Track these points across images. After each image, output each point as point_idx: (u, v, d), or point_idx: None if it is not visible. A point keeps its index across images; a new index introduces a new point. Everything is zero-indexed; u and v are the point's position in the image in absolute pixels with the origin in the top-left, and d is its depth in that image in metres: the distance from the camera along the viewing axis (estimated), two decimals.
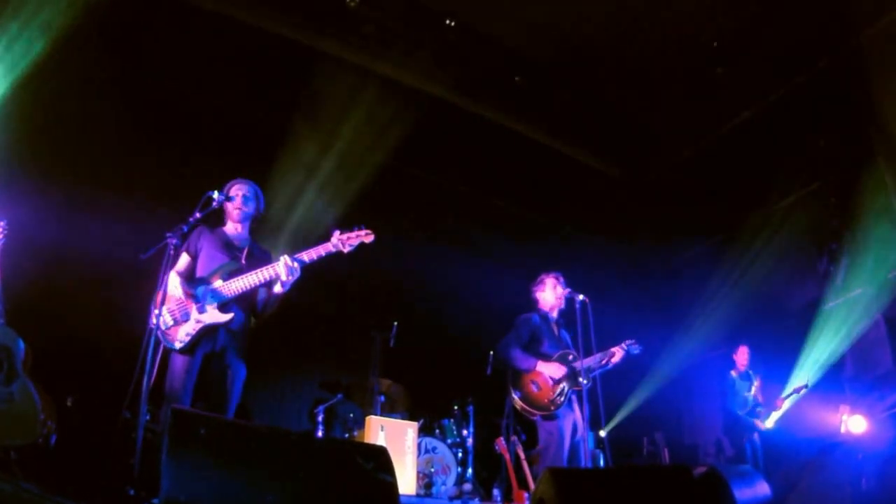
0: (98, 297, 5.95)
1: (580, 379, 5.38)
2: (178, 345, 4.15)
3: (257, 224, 4.82)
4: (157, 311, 4.00)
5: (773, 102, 8.22)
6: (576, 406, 5.51)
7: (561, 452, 5.26)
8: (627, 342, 5.76)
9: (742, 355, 7.95)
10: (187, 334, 4.17)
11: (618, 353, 5.68)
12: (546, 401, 5.40)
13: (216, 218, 4.57)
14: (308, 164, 8.02)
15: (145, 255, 4.14)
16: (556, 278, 5.83)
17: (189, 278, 4.39)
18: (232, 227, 4.68)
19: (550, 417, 5.38)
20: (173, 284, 4.24)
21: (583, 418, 5.43)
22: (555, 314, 5.84)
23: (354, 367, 7.71)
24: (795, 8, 6.98)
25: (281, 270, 4.27)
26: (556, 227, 10.23)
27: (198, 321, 4.21)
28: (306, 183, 7.83)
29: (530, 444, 6.66)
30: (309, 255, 4.37)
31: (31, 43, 5.96)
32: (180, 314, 4.21)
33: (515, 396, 5.50)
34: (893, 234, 7.45)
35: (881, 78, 7.31)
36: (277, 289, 4.42)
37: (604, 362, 5.64)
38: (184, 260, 4.39)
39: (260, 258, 4.54)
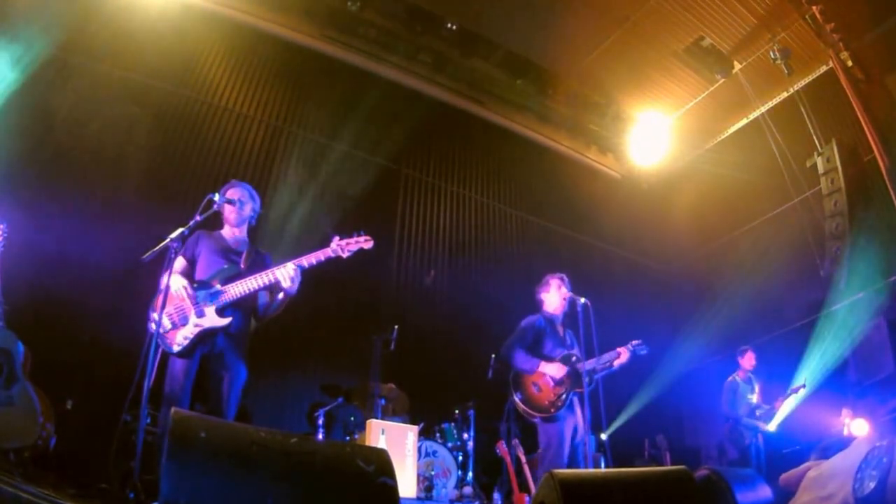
0: (98, 300, 5.94)
1: (584, 380, 5.37)
2: (176, 348, 4.15)
3: (256, 224, 4.83)
4: (156, 315, 3.99)
5: (773, 106, 8.24)
6: (577, 409, 5.49)
7: (560, 455, 5.24)
8: (634, 342, 5.71)
9: (749, 360, 7.93)
10: (185, 338, 4.17)
11: (624, 354, 5.63)
12: (546, 402, 5.39)
13: (214, 222, 4.56)
14: (308, 166, 8.03)
15: (147, 257, 4.14)
16: (561, 279, 5.83)
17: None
18: (230, 231, 4.69)
19: (551, 420, 5.36)
20: (179, 285, 4.22)
21: (584, 421, 5.41)
22: (560, 315, 5.83)
23: (355, 371, 7.70)
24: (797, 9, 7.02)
25: (280, 276, 4.28)
26: (557, 229, 10.21)
27: (196, 325, 4.20)
28: (306, 186, 7.84)
29: (531, 447, 6.64)
30: (308, 260, 4.38)
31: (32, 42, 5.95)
32: (178, 318, 4.21)
33: (516, 398, 5.50)
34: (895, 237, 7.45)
35: (885, 78, 7.32)
36: (280, 294, 4.43)
37: (609, 363, 5.60)
38: (181, 264, 4.37)
39: (259, 262, 4.54)
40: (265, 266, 4.42)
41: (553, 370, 5.44)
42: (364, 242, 4.47)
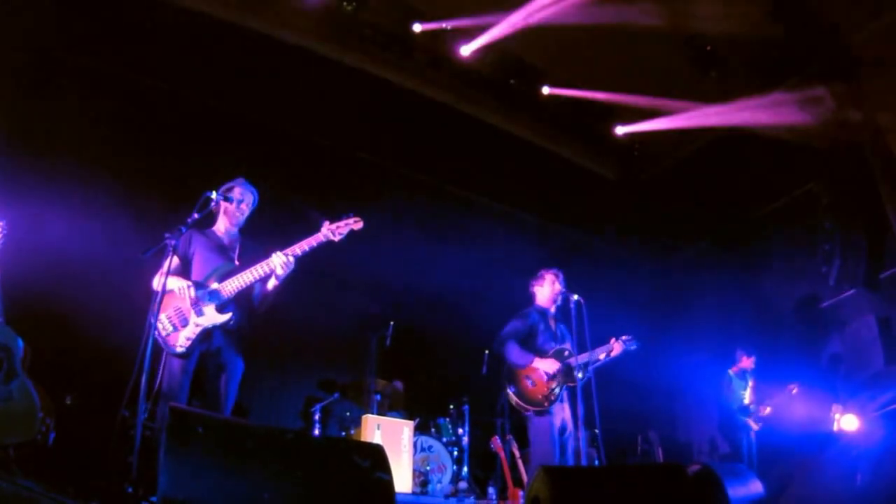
0: (97, 297, 5.96)
1: (577, 374, 5.42)
2: (179, 349, 4.19)
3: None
4: (155, 316, 4.00)
5: (767, 105, 8.24)
6: (566, 403, 5.55)
7: (553, 448, 5.29)
8: (625, 338, 5.76)
9: (748, 363, 7.98)
10: (187, 339, 4.21)
11: (616, 347, 5.67)
12: (540, 396, 5.43)
13: (206, 218, 4.57)
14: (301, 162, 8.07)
15: (146, 253, 4.15)
16: (556, 275, 5.88)
17: None
18: (223, 227, 4.70)
19: (542, 413, 5.41)
20: (182, 285, 4.25)
21: (577, 416, 5.45)
22: (553, 310, 5.88)
23: (351, 367, 7.74)
24: (787, 10, 7.04)
25: (276, 265, 4.30)
26: (551, 226, 10.25)
27: (197, 325, 4.24)
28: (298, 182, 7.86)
29: (525, 442, 6.70)
30: (301, 248, 4.38)
31: None
32: (179, 320, 4.24)
33: (510, 391, 5.51)
34: (885, 236, 7.50)
35: (874, 81, 7.36)
36: (272, 283, 4.46)
37: (602, 356, 5.65)
38: (174, 264, 4.35)
39: (252, 253, 4.56)
40: (258, 258, 4.43)
41: (546, 366, 5.48)
42: (354, 224, 4.47)
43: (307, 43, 7.62)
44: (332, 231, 4.41)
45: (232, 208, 4.61)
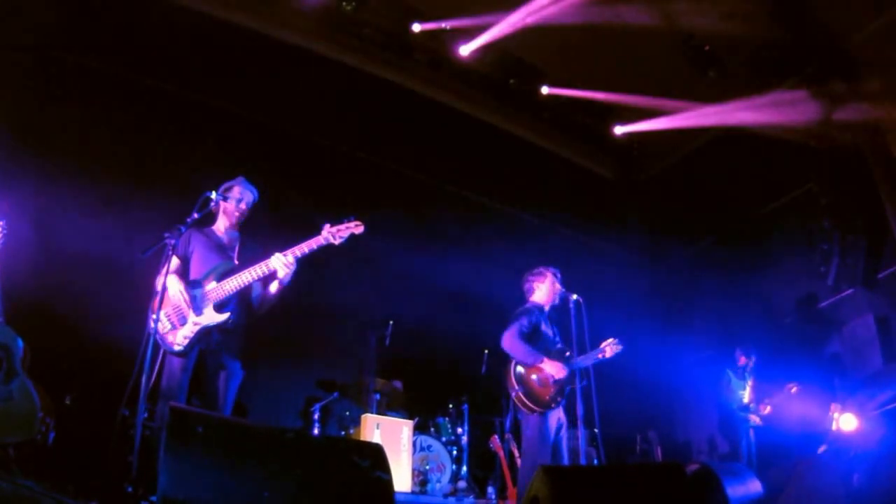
0: (97, 296, 5.97)
1: (577, 376, 5.42)
2: (176, 348, 4.19)
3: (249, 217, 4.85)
4: (154, 315, 4.01)
5: (766, 105, 8.26)
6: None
7: (545, 449, 5.26)
8: (611, 340, 5.71)
9: (745, 361, 8.01)
10: (185, 337, 4.21)
11: (608, 351, 5.64)
12: (547, 397, 5.37)
13: (205, 217, 4.57)
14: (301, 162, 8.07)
15: (145, 253, 4.15)
16: (555, 274, 5.83)
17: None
18: (222, 227, 4.71)
19: (541, 414, 5.39)
20: (176, 290, 4.26)
21: (576, 416, 5.43)
22: (548, 308, 5.84)
23: (350, 366, 7.74)
24: (786, 10, 7.06)
25: (276, 266, 4.31)
26: (550, 226, 10.25)
27: (195, 324, 4.24)
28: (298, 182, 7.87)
29: None
30: (301, 250, 4.38)
31: None
32: (177, 318, 4.24)
33: (519, 391, 5.41)
34: (884, 235, 7.52)
35: (874, 81, 7.37)
36: (275, 287, 4.46)
37: (600, 356, 5.63)
38: (174, 263, 4.35)
39: (252, 253, 4.56)
40: (258, 257, 4.42)
41: (555, 370, 5.39)
42: (355, 227, 4.45)
43: (307, 43, 7.63)
44: (332, 234, 4.40)
45: (231, 207, 4.62)
